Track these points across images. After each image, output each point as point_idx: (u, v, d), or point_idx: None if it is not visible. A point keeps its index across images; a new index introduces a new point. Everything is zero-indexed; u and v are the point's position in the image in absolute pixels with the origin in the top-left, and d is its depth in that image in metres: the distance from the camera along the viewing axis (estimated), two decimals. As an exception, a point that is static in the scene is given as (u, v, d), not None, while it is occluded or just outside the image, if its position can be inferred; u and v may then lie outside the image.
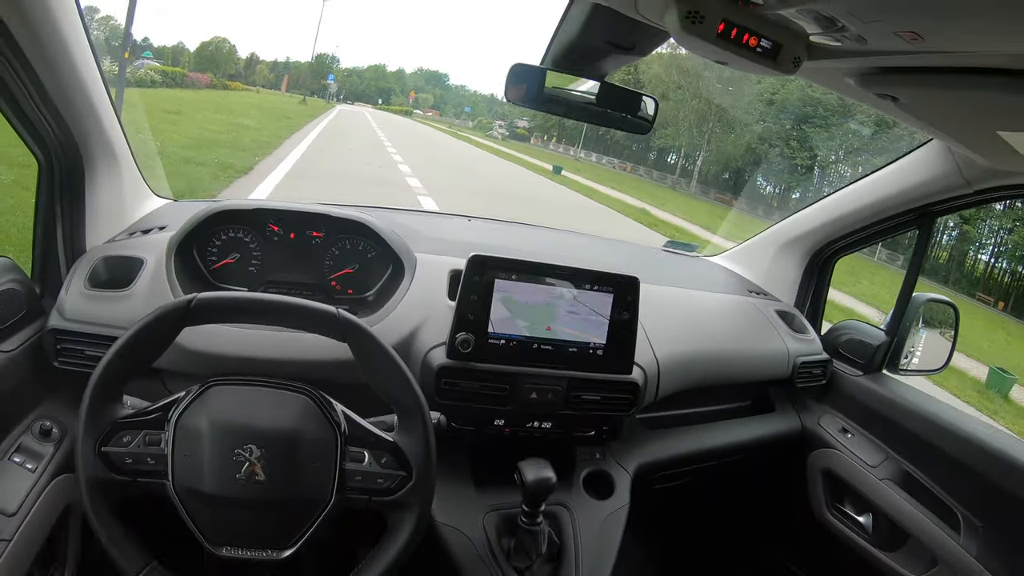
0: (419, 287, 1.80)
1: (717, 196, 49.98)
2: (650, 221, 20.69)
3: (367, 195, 12.83)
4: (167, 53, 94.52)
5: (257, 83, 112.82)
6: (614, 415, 1.82)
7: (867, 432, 2.26)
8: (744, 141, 50.62)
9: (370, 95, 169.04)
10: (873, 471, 2.15)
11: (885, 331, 2.31)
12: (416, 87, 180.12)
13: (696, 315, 2.20)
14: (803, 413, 2.40)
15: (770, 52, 0.95)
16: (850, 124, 45.91)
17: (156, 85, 36.89)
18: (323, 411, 1.18)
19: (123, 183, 1.85)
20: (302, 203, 1.92)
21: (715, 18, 0.89)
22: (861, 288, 17.65)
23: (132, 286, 1.64)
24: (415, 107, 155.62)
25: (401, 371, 1.20)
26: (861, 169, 46.66)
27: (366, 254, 1.89)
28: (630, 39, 1.31)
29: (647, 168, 59.15)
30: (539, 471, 1.51)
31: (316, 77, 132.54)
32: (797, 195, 51.46)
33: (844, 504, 2.27)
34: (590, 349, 1.72)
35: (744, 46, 0.93)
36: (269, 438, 1.12)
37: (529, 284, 1.67)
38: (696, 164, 51.64)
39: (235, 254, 1.82)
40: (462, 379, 1.65)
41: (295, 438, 1.14)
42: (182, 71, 49.58)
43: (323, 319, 1.18)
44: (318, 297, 1.82)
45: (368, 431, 1.21)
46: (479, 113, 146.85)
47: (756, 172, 51.51)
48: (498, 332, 1.66)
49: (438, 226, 2.36)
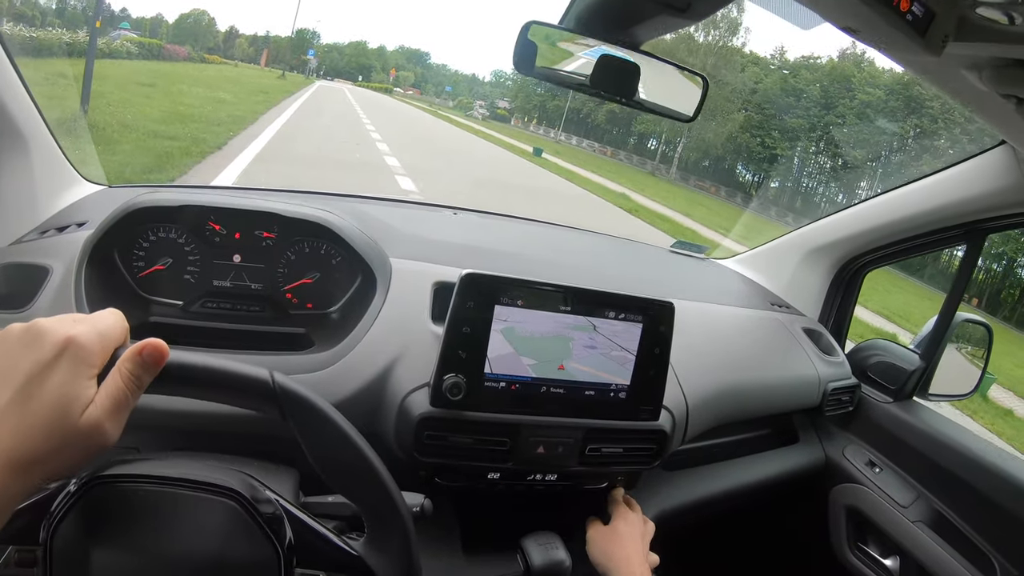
0: (395, 305, 1.46)
1: (697, 183, 50.95)
2: (630, 207, 20.74)
3: (342, 175, 12.81)
4: (145, 24, 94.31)
5: (236, 57, 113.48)
6: (635, 468, 1.52)
7: (896, 466, 2.05)
8: (725, 130, 51.55)
9: (350, 72, 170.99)
10: (903, 511, 1.94)
11: (920, 354, 2.09)
12: (397, 65, 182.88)
13: (722, 337, 1.92)
14: (827, 443, 2.19)
15: (921, 22, 0.72)
16: (831, 116, 46.86)
17: (132, 57, 36.73)
18: (256, 520, 0.78)
19: (34, 169, 1.53)
20: (250, 195, 1.57)
21: None
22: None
23: (30, 305, 1.29)
24: (395, 85, 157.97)
25: (372, 469, 0.84)
26: (842, 161, 47.78)
27: (329, 260, 1.54)
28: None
29: (627, 153, 59.86)
30: (549, 552, 1.23)
31: (296, 52, 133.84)
32: (776, 184, 52.44)
33: (868, 545, 2.06)
34: (611, 391, 1.39)
35: (894, 8, 0.69)
36: (182, 570, 0.76)
37: (538, 311, 1.33)
38: (676, 151, 52.21)
39: (167, 259, 1.45)
40: (450, 432, 1.31)
41: (218, 568, 0.77)
42: (159, 43, 49.80)
43: (250, 388, 0.79)
44: (268, 313, 1.51)
45: (325, 541, 0.85)
46: (460, 92, 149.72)
47: (737, 161, 52.47)
48: (497, 373, 1.31)
49: (419, 220, 2.03)
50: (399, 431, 1.30)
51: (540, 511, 1.55)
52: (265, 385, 0.78)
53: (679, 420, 1.56)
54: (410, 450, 1.28)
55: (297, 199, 1.60)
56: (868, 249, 2.18)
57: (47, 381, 0.63)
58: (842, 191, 48.32)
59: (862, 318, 13.38)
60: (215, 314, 1.48)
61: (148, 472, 0.79)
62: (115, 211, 1.37)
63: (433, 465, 1.31)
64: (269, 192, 1.96)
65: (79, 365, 0.65)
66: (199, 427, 1.19)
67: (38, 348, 0.64)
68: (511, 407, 1.33)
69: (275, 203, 1.49)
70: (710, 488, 1.87)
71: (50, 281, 1.32)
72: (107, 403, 0.66)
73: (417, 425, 1.27)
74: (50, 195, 1.61)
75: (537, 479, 1.43)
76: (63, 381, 0.64)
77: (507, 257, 1.87)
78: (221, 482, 0.79)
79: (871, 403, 2.15)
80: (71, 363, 0.65)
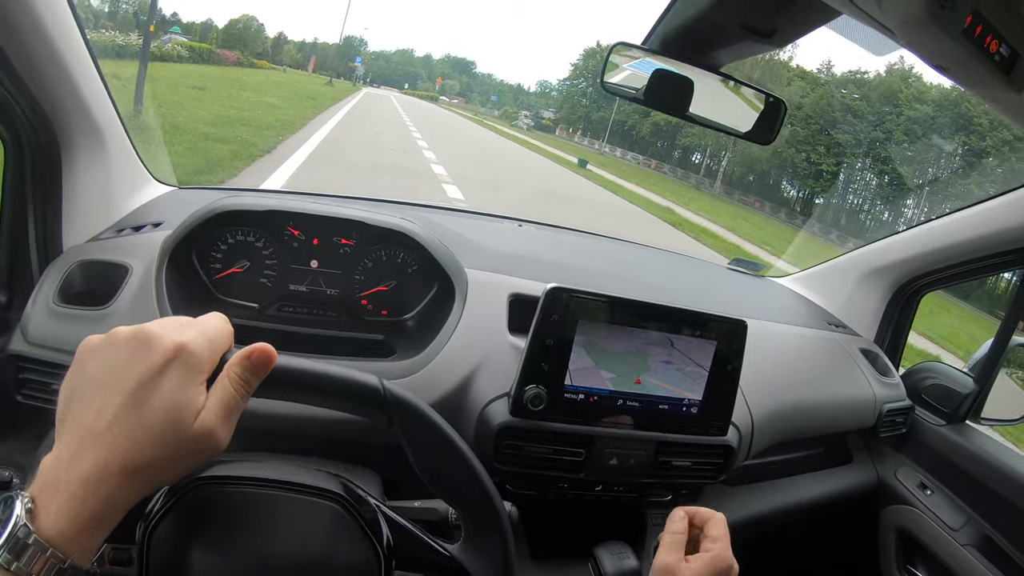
0: (473, 316, 1.48)
1: (741, 198, 50.26)
2: (675, 220, 20.61)
3: (388, 182, 12.80)
4: (196, 29, 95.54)
5: (284, 63, 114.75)
6: (701, 481, 1.55)
7: (948, 489, 2.03)
8: (771, 144, 50.94)
9: (397, 79, 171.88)
10: (953, 534, 1.92)
11: (974, 377, 2.07)
12: (443, 73, 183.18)
13: (784, 356, 1.93)
14: (880, 464, 2.17)
15: (1007, 62, 0.74)
16: (878, 132, 46.04)
17: (183, 60, 37.16)
18: (359, 522, 0.82)
19: (112, 168, 1.57)
20: (330, 201, 1.61)
21: (966, 7, 0.67)
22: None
23: (112, 303, 1.33)
24: (441, 93, 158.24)
25: (476, 474, 0.85)
26: (888, 179, 47.01)
27: (406, 268, 1.58)
28: (772, 23, 1.04)
29: (671, 166, 59.38)
30: (621, 561, 1.24)
31: (343, 59, 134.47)
32: (821, 200, 51.67)
33: (917, 567, 2.03)
34: (684, 406, 1.42)
35: (984, 49, 0.72)
36: (285, 570, 0.79)
37: (619, 327, 1.35)
38: (721, 165, 51.72)
39: (244, 262, 1.50)
40: (528, 442, 1.34)
41: (322, 570, 0.80)
42: (209, 47, 49.93)
43: (361, 395, 0.81)
44: (344, 319, 1.55)
45: (422, 544, 0.87)
46: (505, 102, 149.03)
47: (782, 177, 51.73)
48: (577, 385, 1.33)
49: (485, 231, 2.06)
50: (478, 439, 1.32)
51: (603, 520, 1.58)
52: (376, 392, 0.80)
53: (744, 436, 1.58)
54: (489, 458, 1.29)
55: (371, 206, 1.64)
56: (925, 271, 2.16)
57: (159, 388, 0.64)
58: (890, 209, 47.49)
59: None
60: (290, 318, 1.52)
61: (249, 474, 0.82)
62: (197, 213, 1.42)
63: (506, 473, 1.34)
64: (344, 199, 1.98)
65: (190, 372, 0.66)
66: (276, 429, 1.21)
67: (148, 354, 0.65)
68: (588, 419, 1.35)
69: (356, 210, 1.52)
70: (764, 505, 1.88)
71: (130, 279, 1.37)
72: (218, 409, 0.67)
73: (497, 434, 1.30)
74: (125, 194, 1.65)
75: (605, 489, 1.46)
76: (174, 388, 0.64)
77: (579, 271, 1.91)
78: (324, 485, 0.83)
79: (924, 426, 2.13)
80: (182, 370, 0.65)
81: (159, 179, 1.86)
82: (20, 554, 0.55)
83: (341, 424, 1.18)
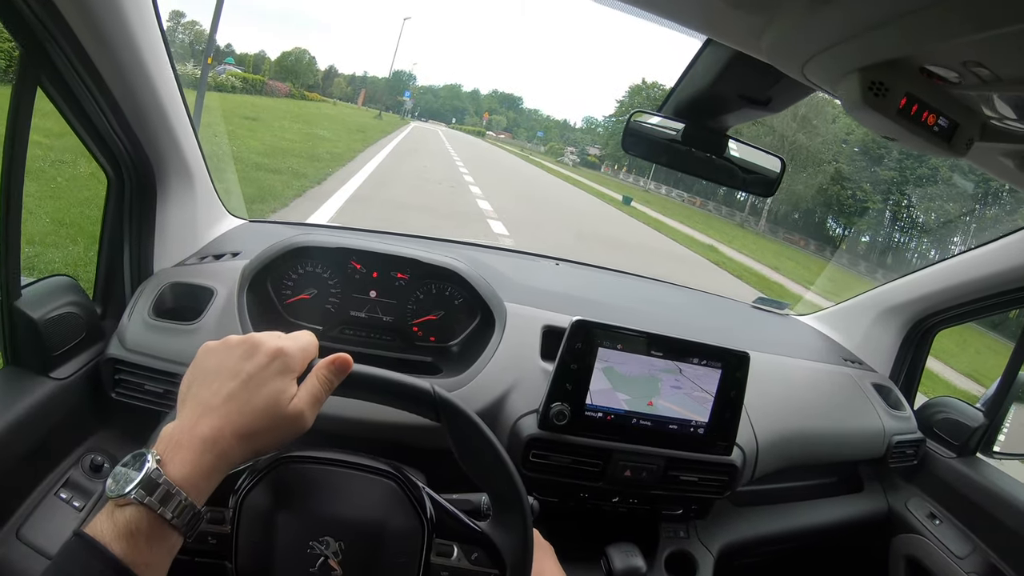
0: (510, 344, 1.69)
1: (786, 236, 49.39)
2: (717, 259, 20.41)
3: (437, 216, 12.84)
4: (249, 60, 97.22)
5: (334, 95, 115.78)
6: (707, 497, 1.69)
7: (956, 519, 2.11)
8: (816, 182, 50.08)
9: (444, 113, 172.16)
10: (959, 563, 2.00)
11: (984, 411, 2.16)
12: (490, 108, 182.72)
13: (794, 388, 2.05)
14: (891, 493, 2.26)
15: (946, 132, 0.85)
16: (924, 169, 45.05)
17: (236, 91, 38.09)
18: (409, 497, 1.01)
19: (197, 202, 1.79)
20: (388, 239, 1.82)
21: (899, 92, 0.79)
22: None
23: (200, 319, 1.55)
24: (488, 128, 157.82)
25: (503, 461, 1.02)
26: (935, 216, 45.97)
27: (452, 300, 1.78)
28: (766, 93, 1.20)
29: (716, 203, 58.65)
30: (629, 559, 1.40)
31: (392, 93, 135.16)
32: (867, 238, 50.66)
33: None
34: (691, 427, 1.59)
35: (922, 124, 0.83)
36: (349, 530, 0.96)
37: (633, 355, 1.54)
38: (766, 202, 51.00)
39: (312, 290, 1.72)
40: (553, 452, 1.53)
41: (379, 531, 0.97)
42: (262, 79, 50.66)
43: (416, 396, 1.01)
44: (397, 342, 1.74)
45: (458, 520, 1.04)
46: (551, 138, 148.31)
47: (828, 214, 50.82)
48: (596, 404, 1.53)
49: (525, 268, 2.26)
50: (510, 449, 1.51)
51: (618, 529, 1.73)
52: (427, 394, 0.98)
53: (749, 457, 1.72)
54: (518, 465, 1.44)
55: (423, 244, 1.85)
56: (938, 309, 2.25)
57: (263, 378, 0.84)
58: (937, 246, 46.35)
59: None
60: (350, 340, 1.73)
61: (324, 455, 1.01)
62: (275, 247, 1.64)
63: (534, 480, 1.51)
64: (399, 236, 2.20)
65: (286, 369, 0.86)
66: (344, 431, 1.41)
67: (256, 354, 0.85)
68: (605, 434, 1.55)
69: (411, 249, 1.73)
70: (776, 526, 2.00)
71: (215, 300, 1.59)
72: (307, 397, 0.87)
73: (526, 444, 1.51)
74: (206, 225, 1.87)
75: (621, 501, 1.63)
76: (275, 379, 0.84)
77: (606, 307, 2.08)
78: (383, 467, 1.01)
79: (935, 458, 2.21)
80: (280, 367, 0.86)
81: (233, 212, 2.07)
82: (152, 491, 0.72)
83: (397, 429, 1.41)
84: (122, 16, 1.20)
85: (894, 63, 0.77)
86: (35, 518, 1.29)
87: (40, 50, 1.19)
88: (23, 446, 1.28)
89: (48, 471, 1.37)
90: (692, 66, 1.25)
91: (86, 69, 1.24)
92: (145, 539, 0.71)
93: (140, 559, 0.69)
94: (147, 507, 0.71)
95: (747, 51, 0.93)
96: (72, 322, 1.43)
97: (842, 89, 0.83)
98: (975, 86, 0.77)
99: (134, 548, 0.70)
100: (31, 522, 1.28)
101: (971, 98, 0.84)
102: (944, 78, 0.78)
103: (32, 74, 1.20)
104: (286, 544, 0.93)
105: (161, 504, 0.72)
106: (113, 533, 0.69)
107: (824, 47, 0.79)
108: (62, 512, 1.32)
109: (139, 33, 1.26)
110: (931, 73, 0.78)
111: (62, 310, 1.39)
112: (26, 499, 1.31)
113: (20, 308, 1.31)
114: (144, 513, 0.71)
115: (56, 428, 1.37)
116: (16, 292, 1.31)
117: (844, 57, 0.79)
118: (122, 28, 1.22)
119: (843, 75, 0.81)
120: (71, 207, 6.30)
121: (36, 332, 1.33)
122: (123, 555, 0.68)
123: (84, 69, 1.24)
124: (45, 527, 1.28)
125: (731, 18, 0.81)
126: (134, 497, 0.71)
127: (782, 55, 0.88)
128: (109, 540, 0.69)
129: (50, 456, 1.38)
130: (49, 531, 1.27)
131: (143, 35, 1.28)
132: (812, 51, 0.81)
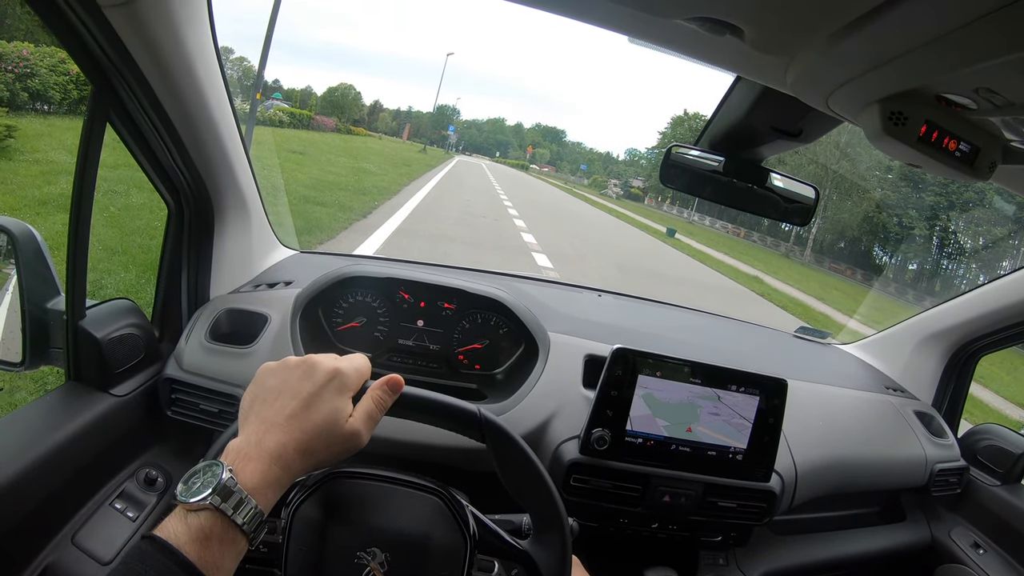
0: (553, 372, 1.73)
1: (832, 266, 48.46)
2: (762, 290, 20.10)
3: (481, 251, 12.90)
4: (296, 95, 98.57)
5: (379, 130, 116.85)
6: (746, 523, 1.71)
7: (1000, 548, 2.09)
8: (861, 209, 49.18)
9: (488, 147, 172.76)
10: None
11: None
12: (533, 142, 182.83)
13: (834, 416, 2.06)
14: (934, 523, 2.24)
15: (968, 156, 0.88)
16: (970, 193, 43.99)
17: (284, 125, 38.83)
18: (454, 513, 1.05)
19: (252, 233, 1.87)
20: (435, 270, 1.89)
21: (918, 120, 0.82)
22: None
23: (255, 344, 1.63)
24: (532, 162, 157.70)
25: (544, 481, 1.07)
26: (983, 240, 44.75)
27: (497, 330, 1.83)
28: (797, 125, 1.25)
29: (760, 234, 57.88)
30: None
31: (436, 127, 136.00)
32: (914, 266, 49.56)
33: None
34: (730, 453, 1.62)
35: (943, 150, 0.86)
36: (395, 542, 1.01)
37: (673, 382, 1.58)
38: (811, 232, 50.22)
39: (361, 318, 1.79)
40: (594, 476, 1.58)
41: (424, 544, 1.02)
42: (309, 113, 51.29)
43: (463, 418, 1.06)
44: (443, 370, 1.79)
45: (500, 538, 1.09)
46: (594, 171, 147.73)
47: (874, 243, 49.78)
48: (636, 430, 1.58)
49: (569, 299, 2.30)
50: (551, 473, 1.52)
51: (658, 554, 1.76)
52: (473, 415, 1.04)
53: (788, 484, 1.74)
54: (560, 489, 1.48)
55: (469, 276, 1.91)
56: (978, 335, 2.25)
57: (321, 397, 0.89)
58: (985, 271, 45.01)
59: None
60: (398, 367, 1.79)
61: (372, 471, 1.06)
62: (327, 276, 1.72)
63: (575, 504, 1.54)
64: (446, 268, 2.28)
65: (342, 389, 0.92)
66: (394, 453, 1.47)
67: (314, 374, 0.91)
68: (645, 460, 1.59)
69: (457, 280, 1.80)
70: (816, 556, 2.00)
71: (269, 326, 1.67)
72: (362, 416, 0.92)
73: (567, 469, 1.55)
74: (260, 255, 1.96)
75: (660, 527, 1.66)
76: (332, 398, 0.90)
77: (647, 336, 2.11)
78: (430, 483, 1.07)
79: (979, 486, 2.19)
80: (337, 387, 0.91)
81: (285, 244, 2.16)
82: (227, 497, 0.77)
83: (444, 451, 1.47)
84: (187, 57, 1.28)
85: (911, 93, 0.80)
86: (90, 526, 1.36)
87: (110, 89, 1.28)
88: (83, 458, 1.36)
89: (104, 482, 1.44)
90: (725, 100, 1.30)
91: (152, 107, 1.33)
92: (218, 543, 0.76)
93: (211, 562, 0.74)
94: (222, 512, 0.76)
95: (775, 86, 0.97)
96: (132, 343, 1.52)
97: (864, 120, 0.86)
98: (991, 111, 0.80)
99: (207, 551, 0.74)
100: (86, 529, 1.35)
101: (990, 123, 0.87)
102: (961, 105, 0.81)
103: (102, 111, 1.29)
104: (334, 553, 0.99)
105: (234, 510, 0.77)
106: (187, 536, 0.74)
107: (843, 81, 0.83)
108: (116, 521, 1.39)
109: (201, 73, 1.35)
110: (948, 100, 0.81)
111: (123, 331, 1.48)
112: (82, 507, 1.38)
113: (84, 328, 1.40)
114: (218, 518, 0.76)
115: (114, 442, 1.45)
116: (81, 312, 1.40)
117: (862, 90, 0.83)
118: (186, 69, 1.30)
119: (863, 107, 0.85)
120: (124, 236, 6.52)
121: (98, 351, 1.42)
122: (196, 558, 0.73)
123: (151, 106, 1.33)
124: (99, 534, 1.35)
125: (756, 58, 0.85)
126: (210, 503, 0.76)
127: (806, 89, 0.92)
128: (183, 543, 0.73)
129: (107, 468, 1.46)
130: (103, 538, 1.34)
131: (205, 75, 1.36)
132: (833, 85, 0.85)
